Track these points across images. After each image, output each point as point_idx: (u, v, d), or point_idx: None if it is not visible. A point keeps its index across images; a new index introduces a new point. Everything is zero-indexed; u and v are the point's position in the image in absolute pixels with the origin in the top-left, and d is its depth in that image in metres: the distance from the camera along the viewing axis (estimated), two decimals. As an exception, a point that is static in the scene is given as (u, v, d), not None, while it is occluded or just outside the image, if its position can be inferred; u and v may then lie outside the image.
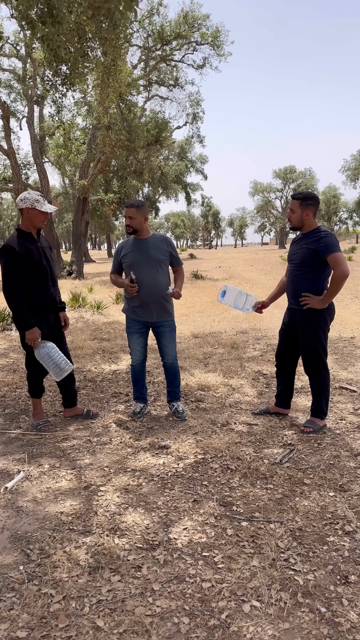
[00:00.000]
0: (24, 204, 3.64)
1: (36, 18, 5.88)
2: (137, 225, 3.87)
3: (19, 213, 4.31)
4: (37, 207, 3.64)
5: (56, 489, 2.97)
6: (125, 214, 3.89)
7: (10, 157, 19.91)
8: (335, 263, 3.45)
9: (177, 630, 1.87)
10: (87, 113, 20.29)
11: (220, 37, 20.12)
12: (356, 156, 54.78)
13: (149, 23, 19.60)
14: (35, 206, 3.64)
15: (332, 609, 1.96)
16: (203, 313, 9.92)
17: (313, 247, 3.54)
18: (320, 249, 3.50)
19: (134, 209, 3.84)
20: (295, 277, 3.70)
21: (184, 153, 43.84)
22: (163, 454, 3.43)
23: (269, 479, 3.04)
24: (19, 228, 3.75)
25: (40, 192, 3.77)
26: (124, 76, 11.90)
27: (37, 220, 3.71)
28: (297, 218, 3.63)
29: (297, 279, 3.69)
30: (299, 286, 3.66)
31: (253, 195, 71.74)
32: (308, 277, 3.61)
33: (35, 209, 3.65)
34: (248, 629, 1.86)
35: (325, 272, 3.59)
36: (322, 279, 3.61)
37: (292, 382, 4.07)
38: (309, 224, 3.64)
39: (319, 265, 3.56)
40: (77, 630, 1.87)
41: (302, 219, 3.62)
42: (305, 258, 3.60)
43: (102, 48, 7.57)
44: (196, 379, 5.19)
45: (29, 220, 3.70)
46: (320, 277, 3.60)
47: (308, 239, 3.61)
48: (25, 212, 3.67)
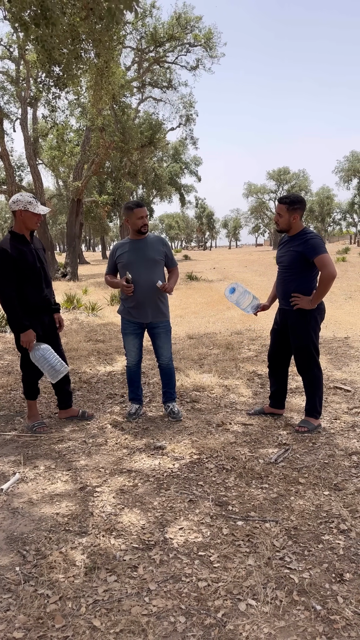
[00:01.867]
0: (17, 206, 3.63)
1: (29, 20, 5.88)
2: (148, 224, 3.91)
3: (12, 215, 4.31)
4: (30, 209, 3.64)
5: (52, 490, 2.97)
6: (141, 214, 3.86)
7: (3, 159, 19.85)
8: (322, 265, 3.49)
9: (174, 630, 1.88)
10: (80, 115, 20.29)
11: (213, 39, 20.17)
12: (349, 157, 55.11)
13: (142, 25, 19.63)
14: (28, 208, 3.63)
15: (328, 606, 1.97)
16: (198, 314, 9.94)
17: (300, 250, 3.57)
18: (307, 251, 3.53)
19: (145, 208, 3.89)
20: (284, 278, 3.73)
21: (177, 155, 43.92)
22: (159, 454, 3.44)
23: (264, 478, 3.05)
24: (11, 230, 3.75)
25: (33, 194, 3.75)
26: (117, 78, 11.90)
27: (30, 222, 3.71)
28: (284, 222, 3.66)
29: (286, 281, 3.72)
30: (288, 287, 3.69)
31: (247, 196, 72.00)
32: (297, 278, 3.64)
33: (29, 211, 3.65)
34: (244, 627, 1.87)
35: (313, 273, 3.62)
36: (311, 280, 3.64)
37: (285, 382, 4.09)
38: (296, 226, 3.67)
39: (306, 266, 3.59)
40: (73, 630, 1.87)
41: (290, 222, 3.65)
42: (292, 260, 3.63)
43: (95, 50, 7.58)
44: (191, 380, 5.20)
45: (22, 222, 3.69)
46: (308, 278, 3.63)
47: (295, 241, 3.64)
48: (18, 214, 3.66)
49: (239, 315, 9.51)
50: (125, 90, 19.26)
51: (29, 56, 16.29)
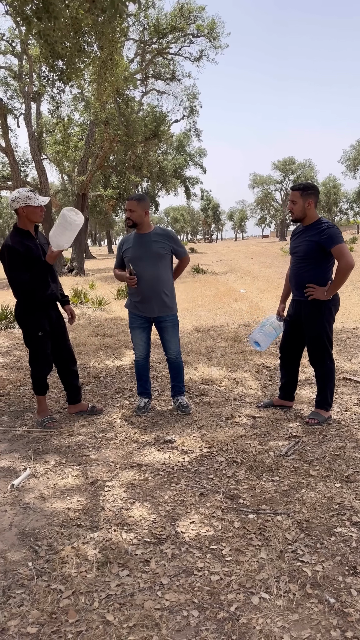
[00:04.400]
0: (17, 204, 3.63)
1: (31, 14, 5.85)
2: (138, 219, 3.85)
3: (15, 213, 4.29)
4: (31, 203, 3.63)
5: (63, 485, 2.98)
6: (125, 207, 3.87)
7: (8, 155, 19.86)
8: (340, 254, 3.44)
9: (187, 624, 1.87)
10: (84, 109, 20.21)
11: (216, 29, 20.02)
12: (355, 146, 54.53)
13: (145, 16, 19.49)
14: (28, 203, 3.62)
15: (341, 599, 1.96)
16: (205, 307, 9.91)
17: (316, 240, 3.52)
18: (324, 241, 3.48)
19: (135, 201, 3.82)
20: (299, 269, 3.69)
21: (182, 147, 43.67)
22: (168, 448, 3.44)
23: (275, 471, 3.04)
24: (16, 226, 3.74)
25: (30, 188, 3.74)
26: (120, 70, 11.83)
27: (34, 216, 3.70)
28: (299, 209, 3.61)
29: (300, 271, 3.67)
30: (303, 278, 3.65)
31: (253, 187, 71.55)
32: (312, 269, 3.60)
33: (30, 206, 3.64)
34: (257, 620, 1.87)
35: (329, 263, 3.58)
36: (326, 271, 3.59)
37: (296, 374, 4.06)
38: (311, 215, 3.62)
39: (322, 257, 3.54)
40: (87, 625, 1.88)
41: (304, 209, 3.60)
42: (308, 250, 3.59)
43: (98, 42, 7.53)
44: (200, 373, 5.19)
45: (25, 217, 3.69)
46: (324, 269, 3.58)
47: (310, 231, 3.59)
48: (21, 211, 3.65)
49: (246, 307, 9.48)
50: (129, 83, 19.16)
51: (31, 51, 16.25)
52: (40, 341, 3.82)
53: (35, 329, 3.79)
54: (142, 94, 26.14)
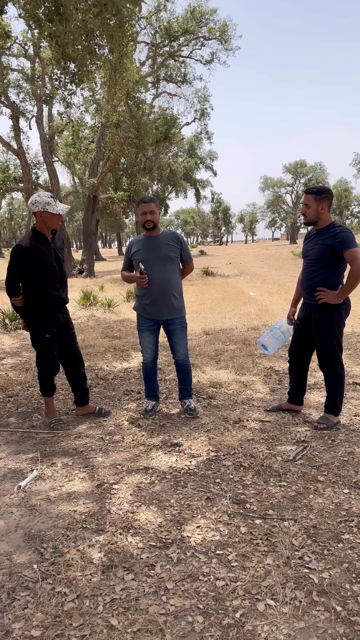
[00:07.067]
0: (36, 208, 3.65)
1: (43, 17, 5.89)
2: (157, 220, 3.86)
3: (30, 213, 4.36)
4: (49, 210, 3.65)
5: (69, 488, 2.97)
6: (144, 210, 3.82)
7: (20, 157, 19.99)
8: (353, 258, 3.41)
9: (192, 629, 1.86)
10: (95, 111, 20.31)
11: (227, 32, 20.02)
12: (367, 149, 54.16)
13: (156, 19, 19.54)
14: (47, 209, 3.64)
15: (348, 607, 1.93)
16: (214, 310, 9.89)
17: (329, 243, 3.50)
18: (337, 244, 3.45)
19: (153, 203, 3.83)
20: (311, 272, 3.66)
21: (192, 150, 43.74)
22: (175, 451, 3.42)
23: (283, 476, 3.01)
24: (34, 228, 3.77)
25: (51, 193, 3.76)
26: (131, 73, 11.87)
27: (51, 222, 3.72)
28: (312, 213, 3.58)
29: (312, 275, 3.65)
30: (315, 282, 3.62)
31: (263, 190, 71.47)
32: (323, 272, 3.57)
33: (48, 212, 3.66)
34: (263, 628, 1.85)
35: (341, 267, 3.55)
36: (338, 274, 3.57)
37: (305, 378, 4.03)
38: (324, 218, 3.59)
39: (335, 261, 3.52)
40: (91, 629, 1.87)
41: (318, 213, 3.57)
42: (321, 254, 3.56)
43: (109, 45, 7.56)
44: (208, 376, 5.17)
45: (42, 222, 3.72)
46: (335, 273, 3.55)
47: (323, 234, 3.57)
48: (38, 215, 3.68)
49: (255, 310, 9.44)
50: (140, 86, 19.24)
51: (43, 53, 16.32)
52: (47, 343, 3.84)
53: (42, 331, 3.80)
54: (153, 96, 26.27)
